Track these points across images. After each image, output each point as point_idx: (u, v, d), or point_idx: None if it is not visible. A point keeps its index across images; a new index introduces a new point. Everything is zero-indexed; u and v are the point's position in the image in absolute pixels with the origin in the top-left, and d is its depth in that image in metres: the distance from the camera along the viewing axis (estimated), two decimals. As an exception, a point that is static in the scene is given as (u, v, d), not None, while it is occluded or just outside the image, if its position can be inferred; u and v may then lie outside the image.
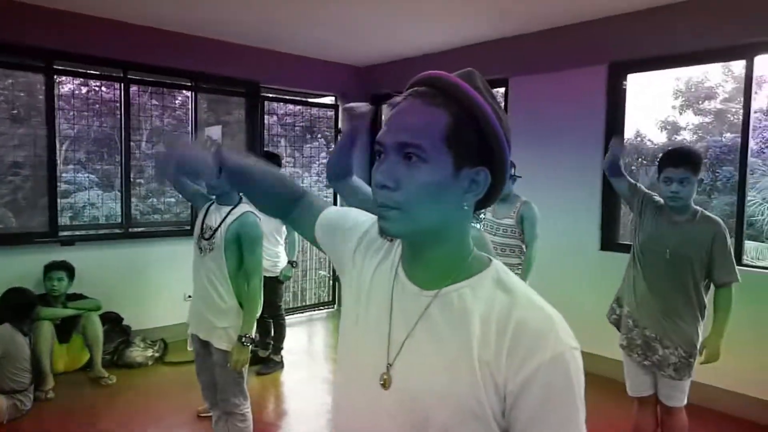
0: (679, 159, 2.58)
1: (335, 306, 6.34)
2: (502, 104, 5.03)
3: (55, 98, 4.43)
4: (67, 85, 5.99)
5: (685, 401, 2.72)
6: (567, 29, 4.47)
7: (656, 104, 11.09)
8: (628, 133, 10.40)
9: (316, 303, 6.51)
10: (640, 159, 10.87)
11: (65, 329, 4.12)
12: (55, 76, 4.37)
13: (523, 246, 3.71)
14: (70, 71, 4.65)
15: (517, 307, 0.77)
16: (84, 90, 7.17)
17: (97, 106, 5.45)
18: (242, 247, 2.56)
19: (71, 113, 5.16)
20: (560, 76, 4.57)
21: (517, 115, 4.90)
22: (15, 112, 5.14)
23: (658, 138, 11.11)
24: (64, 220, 4.96)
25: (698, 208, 2.65)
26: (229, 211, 2.61)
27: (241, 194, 2.68)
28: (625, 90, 4.31)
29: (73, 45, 4.32)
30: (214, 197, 2.70)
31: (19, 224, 4.66)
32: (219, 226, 2.58)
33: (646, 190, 2.83)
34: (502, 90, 5.06)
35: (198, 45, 4.93)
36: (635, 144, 10.97)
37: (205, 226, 2.63)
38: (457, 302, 0.80)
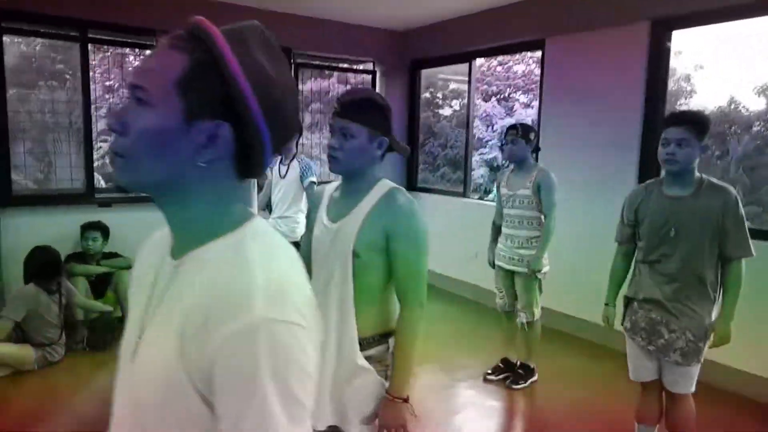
0: (678, 118, 2.34)
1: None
2: (538, 68, 4.74)
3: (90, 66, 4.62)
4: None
5: (693, 389, 2.49)
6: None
7: (753, 66, 10.03)
8: (720, 100, 9.51)
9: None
10: (732, 128, 9.97)
11: (100, 286, 4.37)
12: (89, 45, 4.54)
13: (542, 217, 3.51)
14: (101, 39, 4.81)
15: (227, 270, 0.69)
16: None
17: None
18: None
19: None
20: (599, 35, 4.22)
21: (555, 77, 4.62)
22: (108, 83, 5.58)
23: (755, 104, 10.15)
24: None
25: (705, 176, 2.37)
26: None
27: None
28: (669, 49, 3.92)
29: (106, 14, 4.46)
30: None
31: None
32: None
33: (630, 205, 2.55)
34: (538, 53, 4.76)
35: (228, 12, 4.95)
36: (726, 111, 10.07)
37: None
38: (190, 270, 0.75)
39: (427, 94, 12.34)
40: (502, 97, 12.32)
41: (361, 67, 6.14)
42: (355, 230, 1.65)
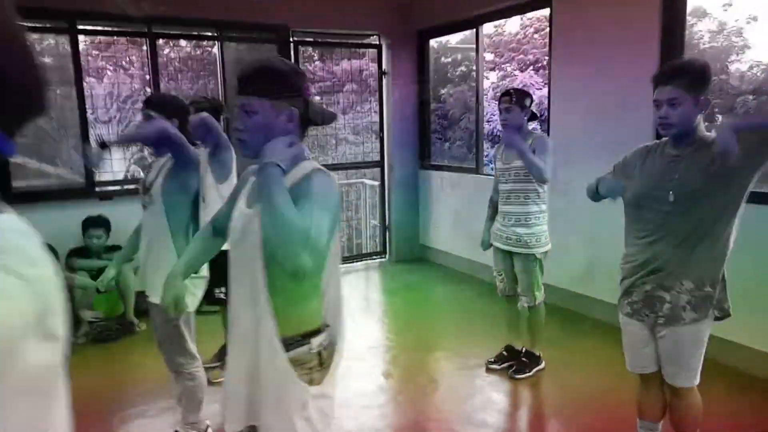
0: (666, 75, 1.99)
1: (386, 256, 6.15)
2: (546, 29, 4.39)
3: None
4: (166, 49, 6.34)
5: (697, 380, 2.18)
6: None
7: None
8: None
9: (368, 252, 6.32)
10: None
11: (103, 279, 4.38)
12: (79, 36, 4.48)
13: (540, 190, 3.21)
14: (91, 30, 4.76)
15: None
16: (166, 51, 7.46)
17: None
18: None
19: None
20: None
21: (564, 36, 4.26)
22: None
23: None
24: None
25: (711, 134, 2.02)
26: (164, 163, 2.50)
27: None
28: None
29: (95, 3, 4.37)
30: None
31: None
32: (156, 178, 2.48)
33: (622, 161, 2.31)
34: (546, 12, 4.39)
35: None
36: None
37: (147, 182, 2.56)
38: None
39: (463, 68, 11.92)
40: (540, 65, 11.76)
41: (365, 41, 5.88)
42: None
